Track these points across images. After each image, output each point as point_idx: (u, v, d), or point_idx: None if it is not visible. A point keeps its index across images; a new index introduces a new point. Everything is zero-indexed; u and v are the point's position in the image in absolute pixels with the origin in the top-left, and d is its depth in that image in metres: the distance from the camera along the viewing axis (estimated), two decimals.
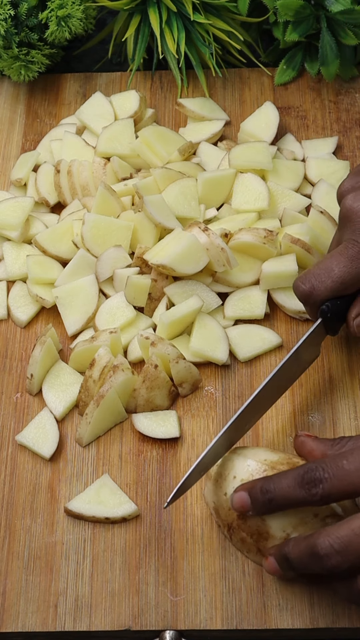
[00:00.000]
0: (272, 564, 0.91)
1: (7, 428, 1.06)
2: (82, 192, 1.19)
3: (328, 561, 0.86)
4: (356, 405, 1.06)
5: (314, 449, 0.94)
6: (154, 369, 1.03)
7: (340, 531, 0.86)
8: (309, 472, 0.88)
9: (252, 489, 0.91)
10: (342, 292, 0.99)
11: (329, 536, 0.86)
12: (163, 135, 1.21)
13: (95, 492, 1.00)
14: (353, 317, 1.00)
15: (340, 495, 0.87)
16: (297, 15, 1.21)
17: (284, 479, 0.89)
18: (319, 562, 0.86)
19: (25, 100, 1.31)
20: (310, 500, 0.88)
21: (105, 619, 0.95)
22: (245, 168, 1.17)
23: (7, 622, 0.95)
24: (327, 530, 0.86)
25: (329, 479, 0.87)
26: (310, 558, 0.87)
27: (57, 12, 1.22)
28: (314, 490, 0.87)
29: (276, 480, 0.89)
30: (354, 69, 1.29)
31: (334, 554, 0.85)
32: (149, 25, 1.26)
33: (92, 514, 0.99)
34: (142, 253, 1.11)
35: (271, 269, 1.09)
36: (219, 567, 0.97)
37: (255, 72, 1.32)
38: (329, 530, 0.86)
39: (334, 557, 0.85)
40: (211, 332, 1.08)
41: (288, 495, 0.88)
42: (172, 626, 0.94)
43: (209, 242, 1.08)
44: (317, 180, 1.19)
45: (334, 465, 0.87)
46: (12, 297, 1.14)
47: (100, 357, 1.04)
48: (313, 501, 0.88)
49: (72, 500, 1.00)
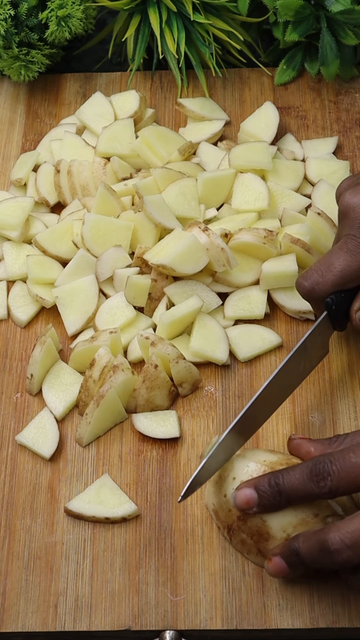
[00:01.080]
0: (277, 564, 0.91)
1: (7, 428, 1.06)
2: (82, 192, 1.19)
3: (339, 556, 0.86)
4: (356, 405, 1.06)
5: (311, 450, 0.94)
6: (154, 369, 1.03)
7: (351, 526, 0.86)
8: (317, 465, 0.88)
9: (260, 484, 0.91)
10: (344, 285, 0.99)
11: (339, 531, 0.86)
12: (163, 135, 1.21)
13: (95, 492, 1.00)
14: (355, 310, 1.00)
15: (349, 487, 0.88)
16: (297, 15, 1.21)
17: (292, 472, 0.90)
18: (329, 557, 0.86)
19: (25, 100, 1.31)
20: (319, 493, 0.88)
21: (105, 619, 0.95)
22: (245, 168, 1.17)
23: (7, 622, 0.95)
24: (337, 525, 0.87)
25: (336, 471, 0.88)
26: (321, 553, 0.87)
27: (57, 12, 1.22)
28: (322, 483, 0.88)
29: (285, 474, 0.90)
30: (354, 69, 1.29)
31: (345, 548, 0.86)
32: (149, 25, 1.26)
33: (92, 514, 0.99)
34: (142, 253, 1.11)
35: (271, 269, 1.10)
36: (219, 567, 0.97)
37: (255, 72, 1.32)
38: (339, 525, 0.87)
39: (344, 552, 0.86)
40: (211, 332, 1.08)
41: (297, 488, 0.89)
42: (172, 626, 0.94)
43: (209, 242, 1.08)
44: (317, 180, 1.19)
45: (341, 458, 0.88)
46: (12, 297, 1.14)
47: (100, 357, 1.04)
48: (321, 494, 0.88)
49: (72, 500, 1.00)
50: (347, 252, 0.98)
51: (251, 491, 0.91)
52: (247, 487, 0.92)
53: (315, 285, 0.99)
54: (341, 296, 0.99)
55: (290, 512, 0.92)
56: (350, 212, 1.00)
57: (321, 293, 0.99)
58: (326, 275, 0.98)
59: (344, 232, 1.00)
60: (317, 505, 0.92)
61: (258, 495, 0.91)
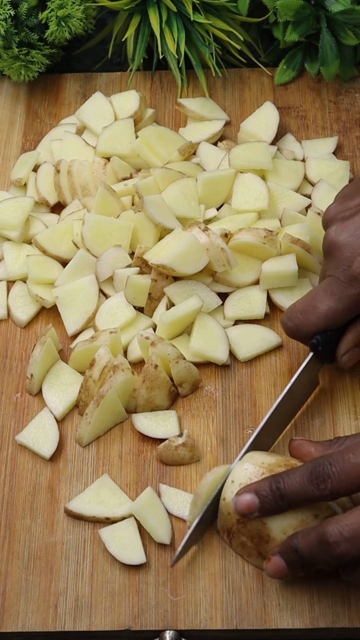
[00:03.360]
0: (276, 563, 0.91)
1: (7, 428, 1.06)
2: (82, 192, 1.19)
3: (337, 548, 0.86)
4: (356, 405, 1.06)
5: (311, 451, 0.94)
6: (154, 369, 1.03)
7: (350, 519, 0.86)
8: (317, 467, 0.88)
9: (260, 488, 0.91)
10: (328, 327, 1.00)
11: (338, 524, 0.86)
12: (163, 135, 1.21)
13: (95, 492, 1.00)
14: (342, 353, 1.01)
15: (349, 489, 0.88)
16: (297, 15, 1.21)
17: (293, 475, 0.90)
18: (328, 550, 0.86)
19: (25, 100, 1.31)
20: (320, 496, 0.88)
21: (105, 619, 0.95)
22: (245, 168, 1.17)
23: (7, 622, 0.95)
24: (336, 518, 0.87)
25: (337, 472, 0.88)
26: (319, 546, 0.87)
27: (57, 12, 1.22)
28: (323, 486, 0.88)
29: (285, 478, 0.90)
30: (354, 69, 1.29)
31: (343, 541, 0.86)
32: (149, 25, 1.26)
33: (93, 514, 0.99)
34: (142, 253, 1.11)
35: (271, 269, 1.10)
36: (219, 567, 0.97)
37: (255, 72, 1.32)
38: (338, 518, 0.87)
39: (342, 544, 0.86)
40: (211, 332, 1.08)
41: (298, 491, 0.89)
42: (172, 626, 0.94)
43: (209, 242, 1.08)
44: (317, 180, 1.20)
45: (341, 459, 0.88)
46: (12, 297, 1.14)
47: (100, 357, 1.04)
48: (323, 496, 0.88)
49: (72, 501, 1.00)
50: (331, 295, 0.98)
51: (252, 496, 0.91)
52: (247, 492, 0.92)
53: (300, 326, 1.00)
54: (327, 335, 1.00)
55: (290, 514, 0.91)
56: (335, 252, 0.99)
57: (305, 334, 1.01)
58: (310, 317, 0.99)
59: (329, 272, 1.00)
60: (316, 506, 0.92)
61: (259, 500, 0.91)
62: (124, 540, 0.97)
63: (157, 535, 0.96)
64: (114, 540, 0.97)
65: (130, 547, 0.96)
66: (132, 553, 0.96)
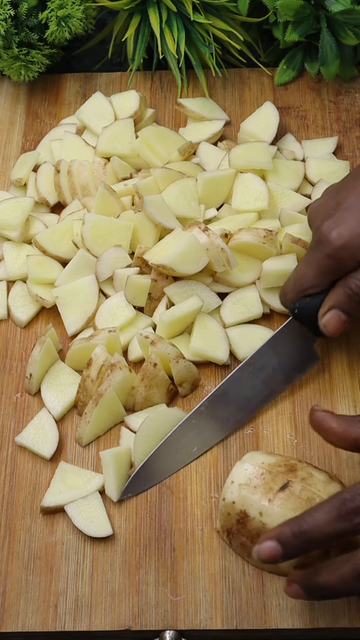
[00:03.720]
0: (297, 591, 0.87)
1: (7, 428, 1.06)
2: (82, 192, 1.19)
3: None
4: (356, 405, 1.06)
5: (333, 427, 0.89)
6: (152, 367, 1.03)
7: None
8: (347, 503, 0.83)
9: (282, 535, 0.85)
10: (302, 292, 1.02)
11: None
12: (163, 135, 1.21)
13: (61, 481, 1.01)
14: (320, 315, 1.01)
15: None
16: (297, 15, 1.21)
17: (317, 514, 0.84)
18: None
19: (25, 100, 1.31)
20: (355, 530, 0.83)
21: (105, 619, 0.95)
22: (245, 168, 1.17)
23: (7, 622, 0.95)
24: None
25: None
26: (356, 580, 0.83)
27: (57, 12, 1.22)
28: (358, 519, 0.83)
29: (309, 519, 0.84)
30: (354, 69, 1.29)
31: None
32: (149, 25, 1.26)
33: (71, 500, 0.99)
34: (142, 253, 1.11)
35: (272, 267, 1.10)
36: (219, 567, 0.97)
37: (255, 72, 1.32)
38: None
39: None
40: (211, 332, 1.08)
41: (327, 531, 0.83)
42: (172, 626, 0.94)
43: (209, 242, 1.08)
44: (317, 180, 1.20)
45: None
46: (12, 297, 1.14)
47: (97, 356, 1.04)
48: (357, 530, 0.83)
49: (44, 499, 1.00)
50: (303, 261, 1.02)
51: (274, 544, 0.85)
52: (268, 540, 0.85)
53: (283, 295, 1.05)
54: (306, 301, 1.02)
55: (291, 514, 0.91)
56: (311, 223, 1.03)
57: (288, 299, 1.04)
58: (287, 284, 1.04)
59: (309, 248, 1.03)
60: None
61: (282, 547, 0.84)
62: (90, 514, 0.98)
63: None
64: (80, 515, 0.98)
65: (96, 521, 0.98)
66: (98, 527, 0.98)
